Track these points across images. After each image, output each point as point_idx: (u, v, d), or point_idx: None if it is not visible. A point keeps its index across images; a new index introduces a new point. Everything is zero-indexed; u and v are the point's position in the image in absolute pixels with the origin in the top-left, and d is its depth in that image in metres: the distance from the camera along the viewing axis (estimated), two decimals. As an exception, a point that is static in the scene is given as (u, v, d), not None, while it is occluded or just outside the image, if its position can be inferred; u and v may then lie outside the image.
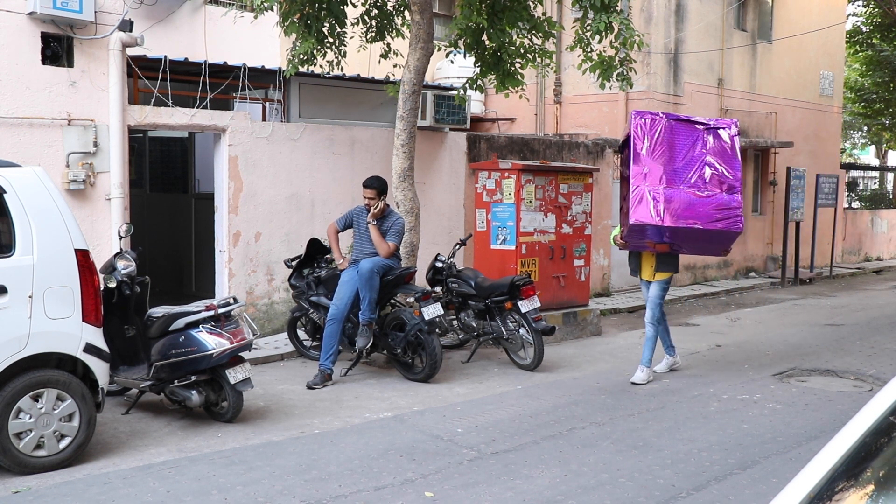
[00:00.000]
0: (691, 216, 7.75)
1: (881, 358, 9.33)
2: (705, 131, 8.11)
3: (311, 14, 8.91)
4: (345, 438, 6.19)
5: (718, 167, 7.98)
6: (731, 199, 7.88)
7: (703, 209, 7.79)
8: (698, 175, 7.92)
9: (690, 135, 8.09)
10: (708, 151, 8.02)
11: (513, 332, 8.70)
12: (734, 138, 8.14)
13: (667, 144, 8.02)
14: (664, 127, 8.07)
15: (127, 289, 6.80)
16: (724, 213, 7.82)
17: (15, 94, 8.05)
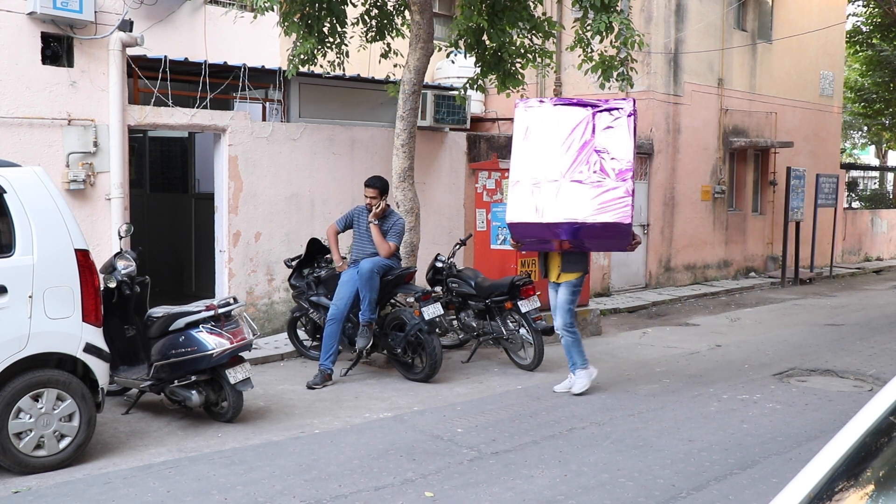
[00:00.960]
0: (573, 210, 6.94)
1: (881, 358, 9.33)
2: (596, 114, 7.18)
3: (312, 14, 8.92)
4: (345, 438, 6.19)
5: (608, 153, 7.03)
6: (618, 187, 6.93)
7: (587, 201, 6.94)
8: (585, 163, 7.03)
9: (578, 120, 7.18)
10: (597, 136, 7.09)
11: (513, 332, 8.70)
12: (630, 119, 7.14)
13: (550, 133, 7.19)
14: (548, 114, 7.27)
15: (127, 289, 6.80)
16: (610, 204, 6.91)
17: (15, 94, 8.05)
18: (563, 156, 7.07)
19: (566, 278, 7.57)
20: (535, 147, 7.19)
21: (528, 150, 7.19)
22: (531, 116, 7.32)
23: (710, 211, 16.34)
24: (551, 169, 7.05)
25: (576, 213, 6.91)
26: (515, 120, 7.41)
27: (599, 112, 7.15)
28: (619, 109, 7.17)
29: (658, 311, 13.21)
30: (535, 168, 7.09)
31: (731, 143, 16.56)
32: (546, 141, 7.16)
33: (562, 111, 7.23)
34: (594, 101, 7.37)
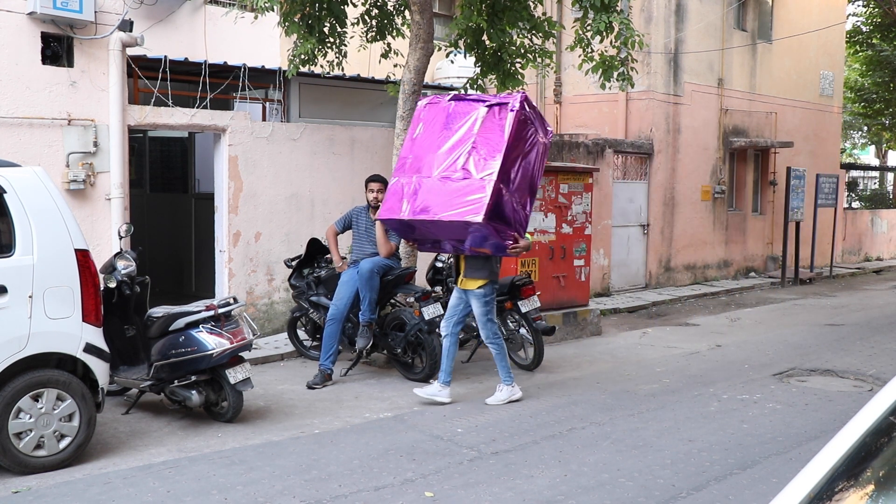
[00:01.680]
0: (431, 207, 6.63)
1: (881, 358, 9.33)
2: (485, 109, 6.84)
3: (312, 14, 8.92)
4: (345, 438, 6.19)
5: (482, 149, 6.67)
6: (479, 184, 6.51)
7: (446, 198, 6.59)
8: (460, 159, 6.71)
9: (467, 116, 6.87)
10: (478, 132, 6.75)
11: (513, 331, 8.70)
12: (513, 113, 6.71)
13: (439, 129, 6.96)
14: (441, 110, 7.05)
15: (127, 289, 6.80)
16: (466, 201, 6.49)
17: (15, 94, 8.05)
18: (442, 153, 6.84)
19: (469, 285, 7.13)
20: (421, 144, 7.03)
21: (414, 147, 7.06)
22: (427, 113, 7.16)
23: (710, 211, 16.34)
24: (428, 166, 6.85)
25: (434, 211, 6.62)
26: (413, 117, 7.29)
27: (490, 107, 6.84)
28: (506, 104, 6.81)
29: (658, 311, 13.21)
30: (415, 165, 6.94)
31: (731, 143, 16.56)
32: (432, 138, 6.98)
33: (455, 108, 7.00)
34: (489, 97, 7.11)
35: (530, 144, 6.86)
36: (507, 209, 6.69)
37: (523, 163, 6.83)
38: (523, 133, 6.79)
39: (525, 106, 6.80)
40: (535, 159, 6.95)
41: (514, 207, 6.75)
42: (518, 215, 6.84)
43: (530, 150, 6.88)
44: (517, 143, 6.73)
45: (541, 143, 7.00)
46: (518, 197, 6.81)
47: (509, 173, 6.66)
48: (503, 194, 6.59)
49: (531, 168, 6.93)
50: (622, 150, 14.42)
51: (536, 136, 6.94)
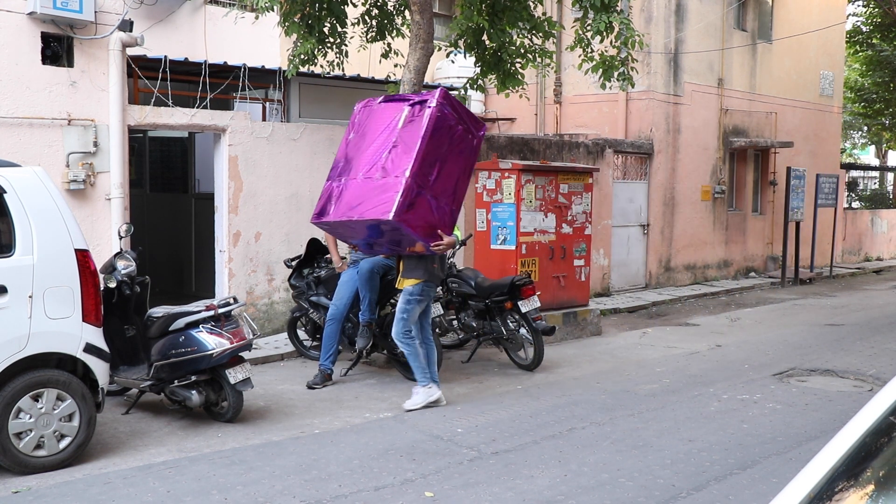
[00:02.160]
0: (352, 207, 6.62)
1: (881, 358, 9.33)
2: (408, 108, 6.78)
3: (312, 14, 8.92)
4: (345, 438, 6.19)
5: (400, 147, 6.61)
6: (393, 182, 6.45)
7: (365, 198, 6.57)
8: (381, 159, 6.67)
9: (393, 116, 6.82)
10: (400, 131, 6.70)
11: (513, 331, 8.70)
12: (430, 110, 6.63)
13: (366, 130, 6.96)
14: (372, 112, 7.03)
15: (127, 289, 6.81)
16: (379, 199, 6.45)
17: (15, 94, 8.05)
18: (367, 154, 6.80)
19: (404, 284, 7.04)
20: (352, 146, 7.03)
21: (347, 149, 7.06)
22: (360, 116, 7.14)
23: (710, 211, 16.34)
24: (355, 168, 6.83)
25: (353, 211, 6.60)
26: (350, 120, 7.27)
27: (412, 105, 6.78)
28: (425, 102, 6.74)
29: (658, 311, 13.21)
30: (346, 167, 6.93)
31: (731, 143, 16.56)
32: (361, 139, 6.97)
33: (384, 109, 6.94)
34: (414, 96, 7.04)
35: (454, 142, 6.73)
36: (426, 207, 6.57)
37: (447, 160, 6.70)
38: (444, 131, 6.67)
39: (445, 103, 6.69)
40: (461, 157, 6.82)
41: (435, 205, 6.62)
42: (441, 213, 6.68)
43: (455, 148, 6.75)
44: (437, 141, 6.61)
45: (470, 140, 6.86)
46: (441, 194, 6.67)
47: (428, 171, 6.55)
48: (421, 192, 6.49)
49: (458, 164, 6.78)
50: (622, 150, 14.42)
51: (463, 134, 6.79)
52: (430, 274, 7.02)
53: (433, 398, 7.07)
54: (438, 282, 7.26)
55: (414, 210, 6.48)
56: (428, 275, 7.01)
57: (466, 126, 6.84)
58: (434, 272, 7.06)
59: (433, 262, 7.00)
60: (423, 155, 6.51)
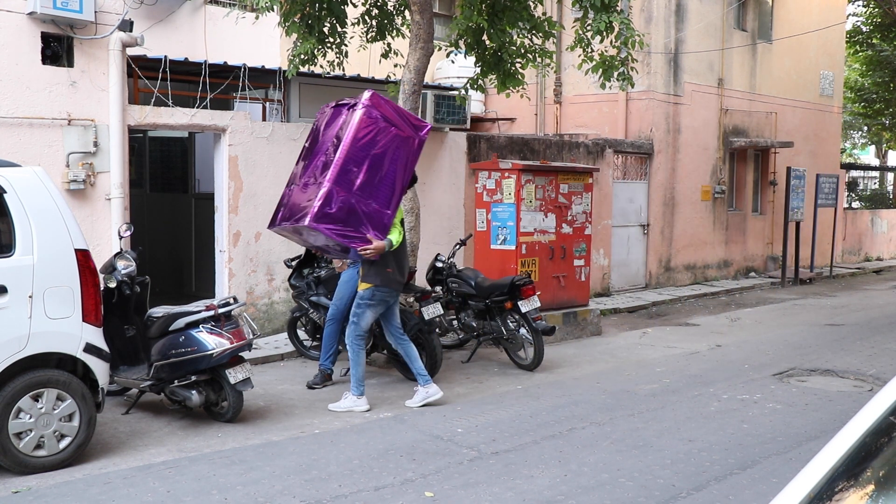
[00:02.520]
0: (290, 214, 6.67)
1: (881, 358, 9.33)
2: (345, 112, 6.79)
3: (312, 14, 8.92)
4: (345, 438, 6.19)
5: (331, 151, 6.61)
6: (317, 187, 6.48)
7: (299, 204, 6.62)
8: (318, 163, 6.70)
9: (335, 121, 6.84)
10: (335, 135, 6.71)
11: (513, 331, 8.70)
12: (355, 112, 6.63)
13: (318, 135, 6.99)
14: (323, 118, 7.09)
15: (127, 289, 6.81)
16: (305, 205, 6.51)
17: (15, 94, 8.05)
18: (311, 158, 6.85)
19: (360, 287, 7.01)
20: (306, 151, 7.09)
21: (302, 156, 7.11)
22: (318, 121, 7.19)
23: (710, 211, 16.34)
24: (301, 174, 6.88)
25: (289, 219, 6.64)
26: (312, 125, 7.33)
27: (348, 109, 6.78)
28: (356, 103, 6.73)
29: (658, 311, 13.21)
30: (298, 173, 6.97)
31: (731, 143, 16.56)
32: (313, 144, 7.00)
33: (332, 113, 6.98)
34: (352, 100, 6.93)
35: (386, 143, 6.65)
36: (353, 211, 6.50)
37: (379, 163, 6.63)
38: (372, 134, 6.61)
39: (372, 105, 6.64)
40: (396, 157, 6.72)
41: (365, 209, 6.55)
42: (372, 215, 6.60)
43: (389, 150, 6.67)
44: (365, 143, 6.56)
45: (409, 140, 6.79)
46: (372, 197, 6.60)
47: (354, 175, 6.50)
48: (346, 195, 6.45)
49: (391, 166, 6.68)
50: (622, 150, 14.42)
51: (397, 135, 6.72)
52: (384, 279, 6.88)
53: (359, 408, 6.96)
54: (396, 286, 7.04)
55: (337, 214, 6.43)
56: (380, 279, 6.88)
57: (402, 127, 6.77)
58: (388, 277, 6.91)
59: (387, 266, 6.86)
60: (344, 159, 6.48)
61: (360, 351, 7.06)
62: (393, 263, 6.93)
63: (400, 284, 7.10)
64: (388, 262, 6.88)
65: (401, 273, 7.06)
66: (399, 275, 7.03)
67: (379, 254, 6.69)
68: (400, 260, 7.05)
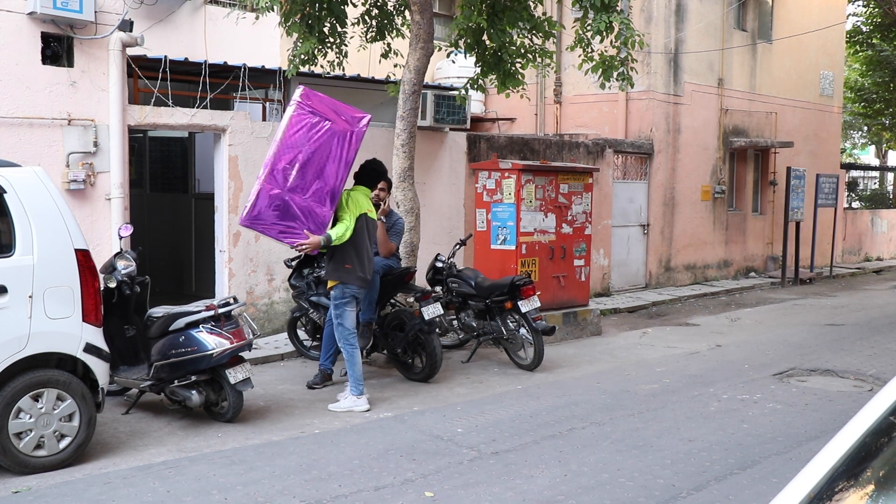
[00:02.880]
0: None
1: (881, 358, 9.33)
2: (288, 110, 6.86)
3: (312, 14, 8.92)
4: (345, 438, 6.19)
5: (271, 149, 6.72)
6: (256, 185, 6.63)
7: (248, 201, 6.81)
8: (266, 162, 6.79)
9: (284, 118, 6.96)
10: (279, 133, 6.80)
11: (513, 332, 8.70)
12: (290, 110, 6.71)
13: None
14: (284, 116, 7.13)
15: (127, 289, 6.80)
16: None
17: (15, 94, 8.05)
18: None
19: (329, 286, 7.04)
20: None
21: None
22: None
23: (710, 211, 16.34)
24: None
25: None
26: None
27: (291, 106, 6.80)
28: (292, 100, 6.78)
29: (658, 311, 13.21)
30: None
31: (731, 143, 16.56)
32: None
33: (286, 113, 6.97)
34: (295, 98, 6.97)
35: (320, 138, 6.65)
36: (288, 207, 6.54)
37: (313, 157, 6.62)
38: (305, 130, 6.63)
39: (304, 102, 6.66)
40: (331, 152, 6.69)
41: (302, 205, 6.57)
42: (308, 211, 6.61)
43: (321, 144, 6.66)
44: (298, 139, 6.60)
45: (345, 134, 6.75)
46: (307, 191, 6.60)
47: (288, 170, 6.54)
48: (280, 192, 6.51)
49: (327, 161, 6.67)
50: (622, 150, 14.42)
51: (332, 130, 6.70)
52: (343, 275, 6.86)
53: (359, 408, 6.94)
54: (358, 282, 6.94)
55: (271, 212, 6.50)
56: (339, 276, 6.88)
57: (337, 121, 6.74)
58: (348, 273, 6.86)
59: (344, 262, 6.85)
60: (276, 157, 6.54)
61: (353, 350, 7.04)
62: (353, 259, 6.86)
63: (363, 280, 6.97)
64: (346, 258, 6.84)
65: (362, 269, 6.93)
66: (361, 271, 6.91)
67: (315, 249, 6.69)
68: (361, 255, 6.93)
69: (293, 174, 6.53)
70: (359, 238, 6.89)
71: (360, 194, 7.12)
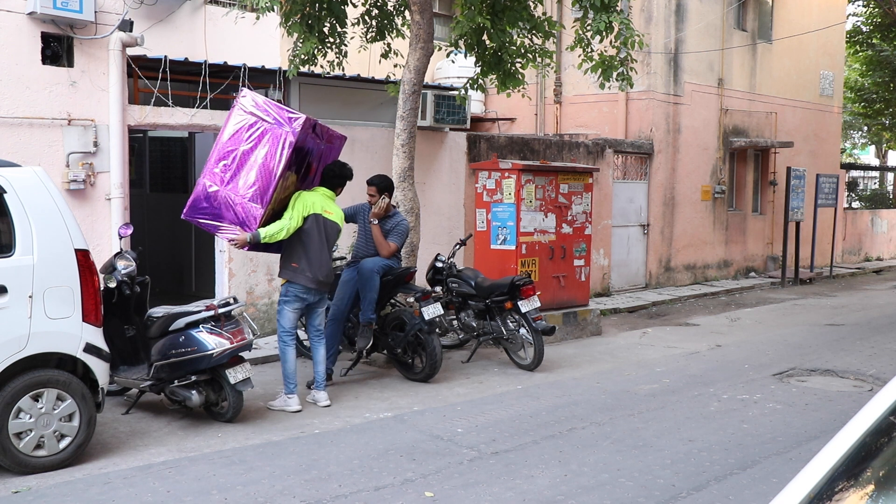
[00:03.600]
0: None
1: (881, 358, 9.33)
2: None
3: (312, 14, 8.92)
4: (345, 438, 6.19)
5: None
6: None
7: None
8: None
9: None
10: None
11: (513, 332, 8.70)
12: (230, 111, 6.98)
13: None
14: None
15: (127, 289, 6.81)
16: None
17: (15, 94, 8.05)
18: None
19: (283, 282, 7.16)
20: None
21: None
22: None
23: (710, 211, 16.34)
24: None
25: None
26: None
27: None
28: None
29: (658, 311, 13.21)
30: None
31: (731, 143, 16.56)
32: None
33: None
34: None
35: (257, 138, 6.78)
36: (223, 204, 6.74)
37: (247, 156, 6.77)
38: (243, 128, 6.81)
39: (246, 103, 6.86)
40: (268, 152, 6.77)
41: (238, 202, 6.72)
42: (243, 209, 6.74)
43: (257, 144, 6.79)
44: (235, 139, 6.80)
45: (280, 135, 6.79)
46: (243, 190, 6.74)
47: (226, 168, 6.76)
48: (218, 189, 6.75)
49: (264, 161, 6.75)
50: (622, 150, 14.42)
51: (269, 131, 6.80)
52: (291, 274, 6.92)
53: (290, 408, 6.91)
54: (308, 282, 6.90)
55: (209, 208, 6.79)
56: (286, 274, 6.98)
57: (274, 123, 6.83)
58: (295, 272, 6.88)
59: (292, 260, 6.89)
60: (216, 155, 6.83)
61: (286, 349, 7.04)
62: (301, 259, 6.83)
63: (313, 281, 6.90)
64: (294, 257, 6.86)
65: (310, 269, 6.86)
66: (309, 271, 6.84)
67: (245, 245, 6.76)
68: (310, 256, 6.86)
69: (229, 173, 6.75)
70: (308, 238, 6.85)
71: (317, 195, 7.05)
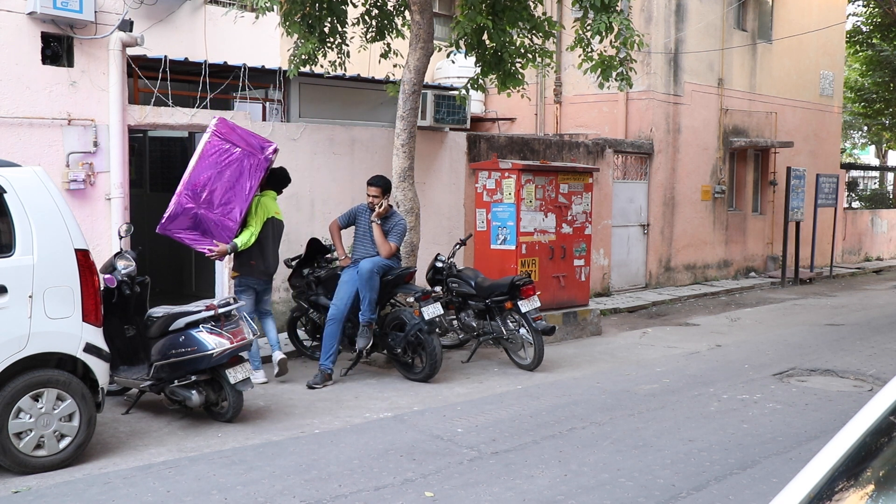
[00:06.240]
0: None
1: (881, 358, 9.33)
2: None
3: (313, 14, 8.92)
4: (345, 438, 6.19)
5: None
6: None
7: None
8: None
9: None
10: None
11: (513, 331, 8.70)
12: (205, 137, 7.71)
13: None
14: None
15: (127, 289, 6.81)
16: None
17: (15, 94, 8.04)
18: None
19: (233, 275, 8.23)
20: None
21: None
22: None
23: (710, 211, 16.34)
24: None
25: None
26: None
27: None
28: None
29: (658, 311, 13.21)
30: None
31: (731, 143, 16.56)
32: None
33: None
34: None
35: (228, 162, 7.61)
36: (199, 220, 7.54)
37: (222, 178, 7.58)
38: (216, 156, 7.61)
39: (217, 132, 7.62)
40: (239, 174, 7.64)
41: (212, 218, 7.56)
42: (219, 224, 7.60)
43: (229, 167, 7.62)
44: (211, 162, 7.59)
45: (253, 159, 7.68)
46: (218, 208, 7.57)
47: (200, 190, 7.51)
48: (194, 206, 7.51)
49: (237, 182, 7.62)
50: (622, 150, 14.42)
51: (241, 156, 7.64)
52: (248, 270, 7.91)
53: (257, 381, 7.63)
54: (259, 275, 7.96)
55: (184, 222, 7.54)
56: (243, 270, 7.93)
57: (247, 148, 7.69)
58: (251, 268, 7.91)
59: (250, 259, 7.87)
60: (191, 176, 7.52)
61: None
62: (257, 257, 7.92)
63: (265, 274, 8.04)
64: (252, 256, 7.87)
65: (265, 264, 8.00)
66: (263, 266, 7.99)
67: (223, 255, 7.76)
68: (265, 254, 7.96)
69: (205, 194, 7.53)
70: (264, 239, 7.91)
71: (269, 199, 8.03)
